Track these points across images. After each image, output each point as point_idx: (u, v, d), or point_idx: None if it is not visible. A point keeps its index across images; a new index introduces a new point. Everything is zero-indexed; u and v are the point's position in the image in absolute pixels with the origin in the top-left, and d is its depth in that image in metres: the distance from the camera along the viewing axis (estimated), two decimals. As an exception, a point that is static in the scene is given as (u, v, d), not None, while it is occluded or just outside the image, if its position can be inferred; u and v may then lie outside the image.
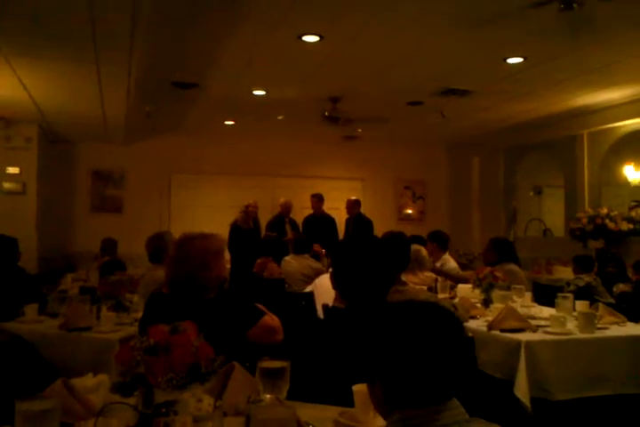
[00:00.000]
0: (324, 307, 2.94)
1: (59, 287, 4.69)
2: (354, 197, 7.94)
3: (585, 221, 6.59)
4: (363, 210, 7.96)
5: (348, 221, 7.73)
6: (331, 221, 7.66)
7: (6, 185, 7.16)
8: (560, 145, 7.77)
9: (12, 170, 7.20)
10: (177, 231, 3.32)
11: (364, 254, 2.12)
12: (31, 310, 3.38)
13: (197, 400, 1.47)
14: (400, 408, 1.11)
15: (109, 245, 6.25)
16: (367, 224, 7.46)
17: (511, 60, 5.10)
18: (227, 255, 2.75)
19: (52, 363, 2.90)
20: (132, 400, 1.36)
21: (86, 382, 1.65)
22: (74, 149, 8.82)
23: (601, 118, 7.00)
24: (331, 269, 2.29)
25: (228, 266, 6.25)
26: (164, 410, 1.32)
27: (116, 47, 4.30)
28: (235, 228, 6.29)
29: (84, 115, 6.78)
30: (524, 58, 5.03)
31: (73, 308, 3.26)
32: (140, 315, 2.77)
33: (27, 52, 4.50)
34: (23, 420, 1.26)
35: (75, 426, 1.46)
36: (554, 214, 8.37)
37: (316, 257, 6.05)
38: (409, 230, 4.91)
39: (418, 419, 1.08)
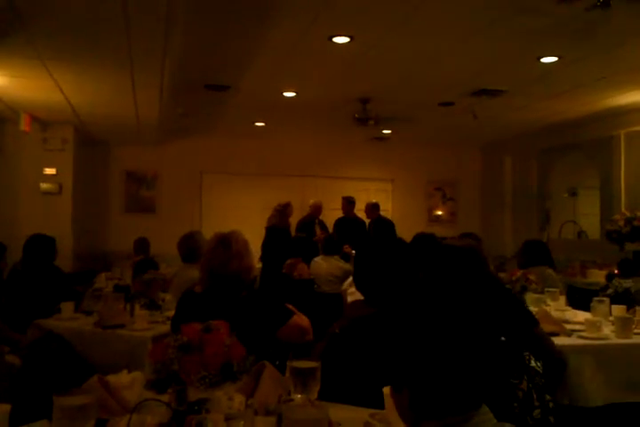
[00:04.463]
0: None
1: (94, 286, 4.79)
2: (373, 201, 7.91)
3: (621, 223, 6.42)
4: (392, 211, 7.93)
5: (369, 225, 7.70)
6: (361, 224, 7.65)
7: (44, 186, 7.35)
8: (596, 145, 7.59)
9: (49, 171, 7.38)
10: (208, 231, 3.36)
11: (386, 258, 2.03)
12: (67, 308, 3.47)
13: (229, 398, 1.49)
14: (429, 418, 1.08)
15: (142, 245, 6.35)
16: (387, 227, 7.40)
17: (545, 60, 5.00)
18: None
19: (86, 359, 2.96)
20: (165, 398, 1.38)
21: (121, 378, 1.68)
22: (108, 150, 9.00)
23: (638, 118, 6.82)
24: None
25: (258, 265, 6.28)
26: (196, 408, 1.34)
27: (150, 51, 4.37)
28: (273, 228, 6.33)
29: (118, 117, 6.91)
30: (559, 57, 4.93)
31: (107, 306, 3.33)
32: (171, 313, 2.81)
33: (63, 57, 4.61)
34: (61, 414, 1.30)
35: (110, 422, 1.49)
36: (589, 216, 8.18)
37: (346, 258, 6.05)
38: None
39: None
